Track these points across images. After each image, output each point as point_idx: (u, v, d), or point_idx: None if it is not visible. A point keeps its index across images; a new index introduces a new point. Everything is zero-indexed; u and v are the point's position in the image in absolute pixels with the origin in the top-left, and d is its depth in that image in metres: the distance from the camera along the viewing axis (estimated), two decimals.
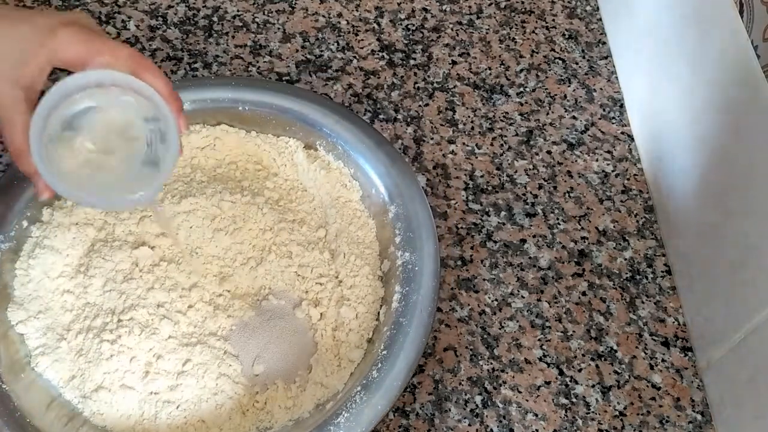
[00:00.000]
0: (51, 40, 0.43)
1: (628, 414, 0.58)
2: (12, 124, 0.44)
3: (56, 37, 0.43)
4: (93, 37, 0.45)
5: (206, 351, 0.55)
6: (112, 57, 0.44)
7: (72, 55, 0.44)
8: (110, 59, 0.44)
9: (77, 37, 0.44)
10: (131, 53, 0.45)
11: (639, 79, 0.74)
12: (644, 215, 0.69)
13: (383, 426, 0.56)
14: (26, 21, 0.44)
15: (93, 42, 0.44)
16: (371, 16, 0.81)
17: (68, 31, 0.44)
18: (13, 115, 0.44)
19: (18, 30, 0.43)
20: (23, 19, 0.44)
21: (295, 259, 0.60)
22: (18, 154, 0.44)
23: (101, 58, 0.44)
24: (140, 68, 0.45)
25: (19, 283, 0.56)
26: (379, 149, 0.63)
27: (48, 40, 0.43)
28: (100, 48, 0.45)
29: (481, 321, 0.61)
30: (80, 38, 0.44)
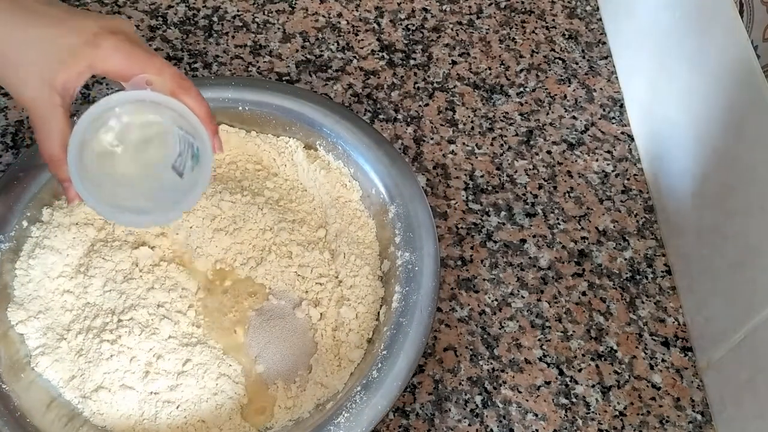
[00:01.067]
0: (94, 48, 0.42)
1: (628, 414, 0.58)
2: (47, 128, 0.43)
3: (99, 47, 0.42)
4: (136, 51, 0.44)
5: (206, 351, 0.55)
6: (155, 75, 0.44)
7: (113, 67, 0.43)
8: (153, 77, 0.44)
9: (120, 49, 0.43)
10: (174, 73, 0.45)
11: (639, 79, 0.74)
12: (644, 215, 0.69)
13: (383, 426, 0.56)
14: (68, 23, 0.43)
15: (136, 56, 0.44)
16: (371, 16, 0.81)
17: (112, 42, 0.43)
18: (48, 120, 0.43)
19: (59, 32, 0.42)
20: (64, 20, 0.43)
21: (295, 259, 0.60)
22: (51, 160, 0.44)
23: (144, 75, 0.44)
24: (180, 89, 0.45)
25: (19, 283, 0.56)
26: (379, 149, 0.63)
27: (90, 49, 0.42)
28: (143, 64, 0.44)
29: (481, 321, 0.61)
30: (123, 50, 0.43)
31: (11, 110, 0.69)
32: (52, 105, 0.42)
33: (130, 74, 0.44)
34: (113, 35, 0.43)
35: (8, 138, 0.67)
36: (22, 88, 0.42)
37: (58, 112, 0.43)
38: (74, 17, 0.43)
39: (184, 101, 0.45)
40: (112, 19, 0.44)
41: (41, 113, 0.43)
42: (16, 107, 0.69)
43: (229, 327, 0.57)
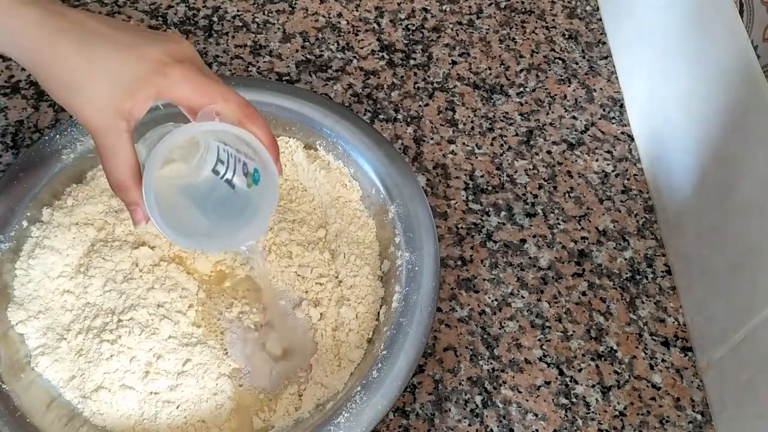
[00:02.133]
0: (162, 78, 0.43)
1: (628, 414, 0.58)
2: (113, 154, 0.43)
3: (167, 77, 0.43)
4: (203, 81, 0.44)
5: (206, 351, 0.55)
6: (222, 104, 0.44)
7: (180, 96, 0.44)
8: (221, 107, 0.44)
9: (188, 79, 0.43)
10: (240, 103, 0.45)
11: (639, 79, 0.74)
12: (644, 215, 0.69)
13: (383, 426, 0.56)
14: (135, 50, 0.43)
15: (203, 86, 0.44)
16: (371, 16, 0.81)
17: (179, 72, 0.43)
18: (114, 147, 0.43)
19: (126, 59, 0.42)
20: (132, 46, 0.43)
21: (295, 259, 0.60)
22: (118, 186, 0.44)
23: (213, 105, 0.44)
24: (246, 118, 0.45)
25: (19, 283, 0.56)
26: (379, 149, 0.63)
27: (159, 78, 0.43)
28: (210, 93, 0.44)
29: (481, 321, 0.61)
30: (191, 80, 0.44)
31: (11, 110, 0.69)
32: (118, 131, 0.43)
33: (196, 103, 0.44)
34: (180, 64, 0.43)
35: (8, 138, 0.67)
36: (87, 114, 0.43)
37: (124, 138, 0.43)
38: (141, 43, 0.43)
39: (250, 129, 0.45)
40: (178, 44, 0.44)
41: (108, 140, 0.43)
42: (16, 107, 0.69)
43: (228, 327, 0.57)
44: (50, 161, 0.60)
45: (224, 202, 0.48)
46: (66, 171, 0.60)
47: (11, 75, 0.71)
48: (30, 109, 0.69)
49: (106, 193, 0.61)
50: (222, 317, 0.58)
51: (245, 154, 0.46)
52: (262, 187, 0.47)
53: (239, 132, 0.44)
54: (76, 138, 0.61)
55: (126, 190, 0.44)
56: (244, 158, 0.47)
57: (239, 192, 0.47)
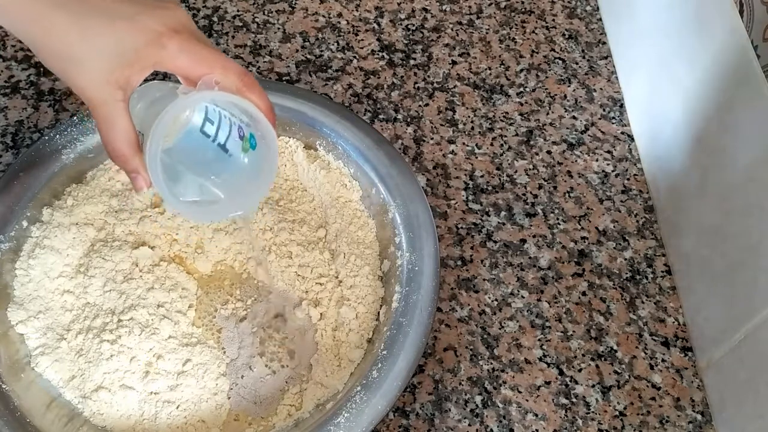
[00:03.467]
0: (159, 49, 0.43)
1: (628, 414, 0.58)
2: (111, 124, 0.43)
3: (165, 47, 0.43)
4: (200, 50, 0.44)
5: (206, 351, 0.55)
6: (220, 73, 0.44)
7: (178, 66, 0.44)
8: (220, 76, 0.44)
9: (185, 49, 0.43)
10: (239, 71, 0.45)
11: (639, 79, 0.74)
12: (644, 215, 0.69)
13: (383, 426, 0.56)
14: (130, 21, 0.43)
15: (201, 55, 0.44)
16: (371, 16, 0.81)
17: (177, 42, 0.43)
18: (111, 116, 0.43)
19: (123, 31, 0.42)
20: (127, 17, 0.43)
21: (295, 259, 0.60)
22: (116, 155, 0.44)
23: (212, 75, 0.44)
24: (245, 87, 0.45)
25: (19, 283, 0.56)
26: (379, 149, 0.63)
27: (156, 49, 0.43)
28: (208, 63, 0.44)
29: (481, 321, 0.61)
30: (188, 50, 0.43)
31: (11, 110, 0.69)
32: (114, 101, 0.43)
33: (194, 73, 0.44)
34: (177, 34, 0.43)
35: (8, 138, 0.67)
36: (84, 84, 0.43)
37: (120, 108, 0.43)
38: (137, 13, 0.43)
39: (249, 98, 0.45)
40: (174, 13, 0.44)
41: (104, 110, 0.43)
42: (16, 107, 0.69)
43: (225, 326, 0.57)
44: (50, 161, 0.60)
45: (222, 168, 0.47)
46: (66, 171, 0.60)
47: (11, 75, 0.71)
48: (30, 109, 0.69)
49: (106, 193, 0.61)
50: (218, 314, 0.58)
51: (241, 119, 0.46)
52: (261, 153, 0.46)
53: (238, 100, 0.44)
54: (76, 138, 0.61)
55: (125, 160, 0.44)
56: (239, 122, 0.46)
57: (236, 157, 0.47)
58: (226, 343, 0.57)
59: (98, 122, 0.44)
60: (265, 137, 0.46)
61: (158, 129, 0.42)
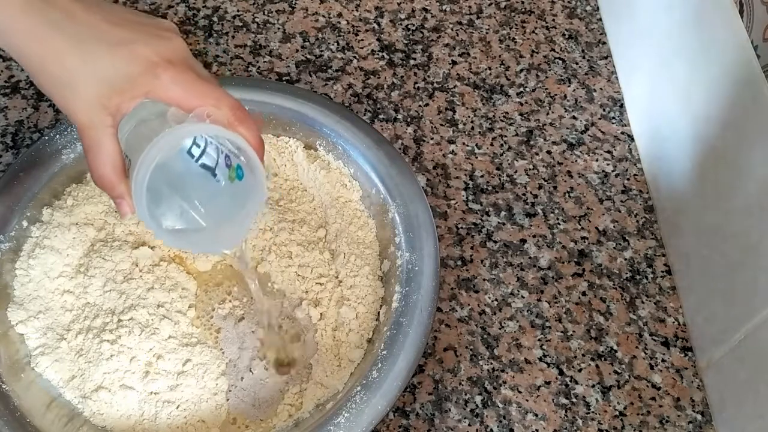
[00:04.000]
0: (153, 79, 0.43)
1: (628, 414, 0.58)
2: (97, 149, 0.43)
3: (158, 78, 0.43)
4: (195, 83, 0.44)
5: (206, 351, 0.55)
6: (214, 106, 0.44)
7: (170, 97, 0.44)
8: (212, 109, 0.44)
9: (179, 82, 0.43)
10: (232, 105, 0.45)
11: (639, 79, 0.74)
12: (644, 215, 0.69)
13: (383, 426, 0.56)
14: (126, 48, 0.43)
15: (194, 88, 0.44)
16: (371, 16, 0.81)
17: (171, 73, 0.43)
18: (99, 141, 0.43)
19: (116, 57, 0.42)
20: (122, 44, 0.43)
21: (295, 259, 0.60)
22: (102, 181, 0.44)
23: (203, 108, 0.44)
24: (237, 121, 0.45)
25: (19, 283, 0.56)
26: (379, 149, 0.63)
27: (149, 79, 0.43)
28: (201, 96, 0.44)
29: (481, 321, 0.61)
30: (182, 82, 0.43)
31: (11, 110, 0.69)
32: (103, 127, 0.43)
33: (186, 105, 0.44)
34: (172, 66, 0.43)
35: (8, 138, 0.67)
36: (75, 108, 0.43)
37: (109, 133, 0.43)
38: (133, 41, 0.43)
39: (239, 131, 0.45)
40: (170, 42, 0.44)
41: (92, 135, 0.43)
42: (16, 107, 0.69)
43: (222, 326, 0.57)
44: (50, 161, 0.60)
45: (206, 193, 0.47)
46: (66, 171, 0.60)
47: (11, 75, 0.72)
48: (30, 109, 0.69)
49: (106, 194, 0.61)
50: (215, 314, 0.58)
51: (229, 149, 0.46)
52: (248, 186, 0.46)
53: (229, 135, 0.44)
54: (76, 138, 0.60)
55: (110, 186, 0.44)
56: (227, 151, 0.46)
57: (222, 185, 0.47)
58: (225, 344, 0.57)
59: (85, 146, 0.44)
60: (253, 171, 0.46)
61: (145, 161, 0.42)
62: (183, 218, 0.47)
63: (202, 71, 0.46)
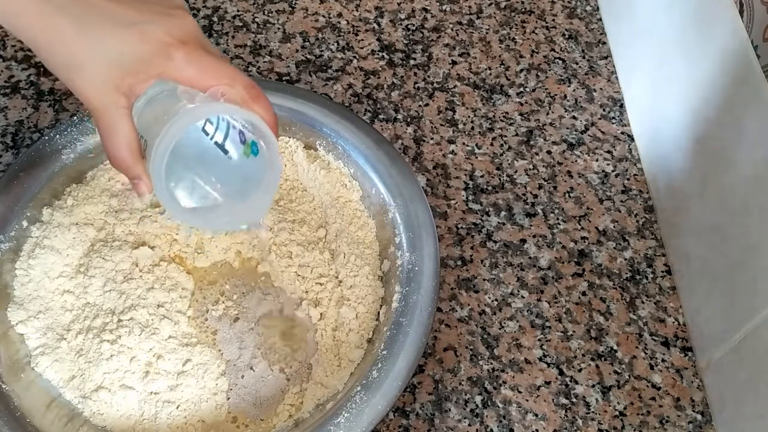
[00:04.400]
0: (166, 60, 0.42)
1: (628, 414, 0.58)
2: (113, 130, 0.43)
3: (171, 59, 0.42)
4: (208, 62, 0.44)
5: (206, 351, 0.55)
6: (227, 85, 0.44)
7: (184, 77, 0.43)
8: (226, 88, 0.44)
9: (192, 61, 0.43)
10: (245, 83, 0.45)
11: (639, 79, 0.74)
12: (644, 215, 0.69)
13: (383, 426, 0.56)
14: (136, 29, 0.42)
15: (208, 67, 0.44)
16: (371, 16, 0.81)
17: (184, 53, 0.43)
18: (114, 124, 0.43)
19: (128, 39, 0.42)
20: (133, 24, 0.42)
21: (295, 259, 0.60)
22: (117, 162, 0.44)
23: (218, 87, 0.44)
24: (251, 99, 0.45)
25: (19, 283, 0.56)
26: (379, 149, 0.63)
27: (162, 60, 0.42)
28: (215, 74, 0.44)
29: (481, 321, 0.61)
30: (195, 62, 0.43)
31: (11, 110, 0.69)
32: (117, 108, 0.43)
33: (201, 84, 0.44)
34: (184, 45, 0.43)
35: (8, 138, 0.67)
36: (87, 91, 0.43)
37: (123, 114, 0.43)
38: (144, 21, 0.42)
39: (254, 109, 0.45)
40: (182, 21, 0.44)
41: (107, 117, 0.43)
42: (16, 107, 0.69)
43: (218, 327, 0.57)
44: (50, 161, 0.60)
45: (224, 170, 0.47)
46: (66, 171, 0.60)
47: (11, 75, 0.71)
48: (30, 109, 0.69)
49: (106, 193, 0.61)
50: (209, 315, 0.57)
51: (243, 125, 0.46)
52: (263, 163, 0.46)
53: (244, 114, 0.44)
54: (76, 138, 0.61)
55: (127, 167, 0.44)
56: (240, 127, 0.46)
57: (236, 161, 0.47)
58: (224, 344, 0.57)
59: (99, 128, 0.44)
60: (268, 148, 0.45)
61: (162, 143, 0.42)
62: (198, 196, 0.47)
63: (212, 49, 0.45)
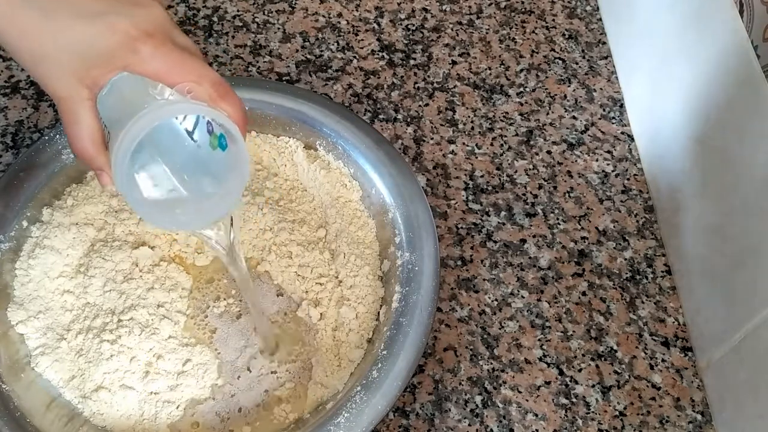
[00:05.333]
0: (131, 53, 0.42)
1: (628, 414, 0.58)
2: (76, 121, 0.43)
3: (137, 53, 0.42)
4: (176, 57, 0.43)
5: (206, 351, 0.55)
6: (195, 81, 0.43)
7: (149, 71, 0.43)
8: (193, 85, 0.43)
9: (158, 56, 0.42)
10: (214, 81, 0.44)
11: (639, 79, 0.74)
12: (644, 215, 0.69)
13: (383, 426, 0.56)
14: (101, 20, 0.41)
15: (174, 63, 0.43)
16: (371, 16, 0.81)
17: (150, 47, 0.42)
18: (76, 113, 0.43)
19: (94, 30, 0.41)
20: (97, 15, 0.41)
21: (295, 259, 0.60)
22: (81, 154, 0.44)
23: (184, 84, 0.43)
24: (219, 96, 0.44)
25: (19, 283, 0.56)
26: (379, 149, 0.63)
27: (127, 53, 0.42)
28: (182, 71, 0.43)
29: (481, 321, 0.61)
30: (162, 56, 0.42)
31: (11, 110, 0.69)
32: (80, 100, 0.42)
33: (167, 80, 0.43)
34: (151, 39, 0.42)
35: (8, 138, 0.67)
36: (51, 81, 0.42)
37: (86, 106, 0.43)
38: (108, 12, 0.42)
39: (222, 107, 0.44)
40: (149, 11, 0.43)
41: (70, 108, 0.43)
42: (16, 107, 0.69)
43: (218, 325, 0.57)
44: (50, 161, 0.60)
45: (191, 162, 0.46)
46: (66, 171, 0.60)
47: (11, 75, 0.72)
48: (30, 109, 0.69)
49: (106, 193, 0.61)
50: (209, 312, 0.57)
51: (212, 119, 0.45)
52: (230, 160, 0.45)
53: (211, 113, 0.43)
54: None
55: (89, 158, 0.44)
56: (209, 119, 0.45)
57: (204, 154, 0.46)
58: (221, 343, 0.56)
59: (63, 119, 0.43)
60: (236, 147, 0.45)
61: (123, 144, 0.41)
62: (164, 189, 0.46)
63: (183, 41, 0.45)
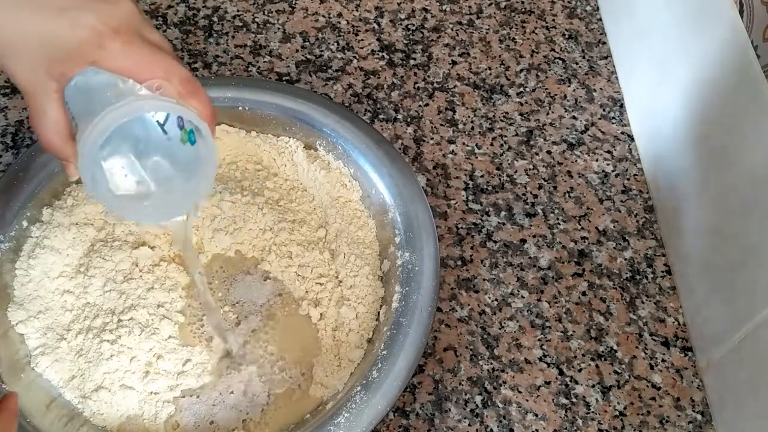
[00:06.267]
0: (98, 49, 0.42)
1: (628, 414, 0.58)
2: (43, 113, 0.43)
3: (104, 49, 0.42)
4: (144, 53, 0.43)
5: (206, 351, 0.55)
6: (163, 78, 0.43)
7: (117, 67, 0.43)
8: (161, 81, 0.43)
9: (127, 51, 0.42)
10: (184, 78, 0.44)
11: (639, 79, 0.74)
12: (644, 215, 0.69)
13: (383, 426, 0.56)
14: (68, 15, 0.41)
15: (142, 59, 0.43)
16: (371, 16, 0.81)
17: (117, 43, 0.42)
18: (43, 106, 0.43)
19: (61, 25, 0.41)
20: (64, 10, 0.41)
21: (295, 259, 0.60)
22: (48, 145, 0.44)
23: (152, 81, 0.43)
24: (188, 93, 0.44)
25: (19, 283, 0.56)
26: (379, 149, 0.63)
27: (93, 49, 0.42)
28: (151, 67, 0.43)
29: (481, 321, 0.61)
30: (130, 53, 0.42)
31: (11, 110, 0.69)
32: (47, 93, 0.43)
33: (135, 77, 0.43)
34: (118, 35, 0.42)
35: (8, 138, 0.67)
36: (18, 74, 0.43)
37: (53, 99, 0.43)
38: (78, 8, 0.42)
39: (191, 104, 0.44)
40: (117, 8, 0.43)
41: (36, 100, 0.43)
42: (16, 107, 0.69)
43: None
44: (50, 161, 0.60)
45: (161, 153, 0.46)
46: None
47: None
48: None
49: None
50: (206, 320, 0.57)
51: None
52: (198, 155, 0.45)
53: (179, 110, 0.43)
54: None
55: (56, 149, 0.44)
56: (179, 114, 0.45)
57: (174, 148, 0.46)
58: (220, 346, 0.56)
59: (30, 111, 0.44)
60: (204, 144, 0.45)
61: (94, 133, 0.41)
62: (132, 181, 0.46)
63: (154, 37, 0.45)
